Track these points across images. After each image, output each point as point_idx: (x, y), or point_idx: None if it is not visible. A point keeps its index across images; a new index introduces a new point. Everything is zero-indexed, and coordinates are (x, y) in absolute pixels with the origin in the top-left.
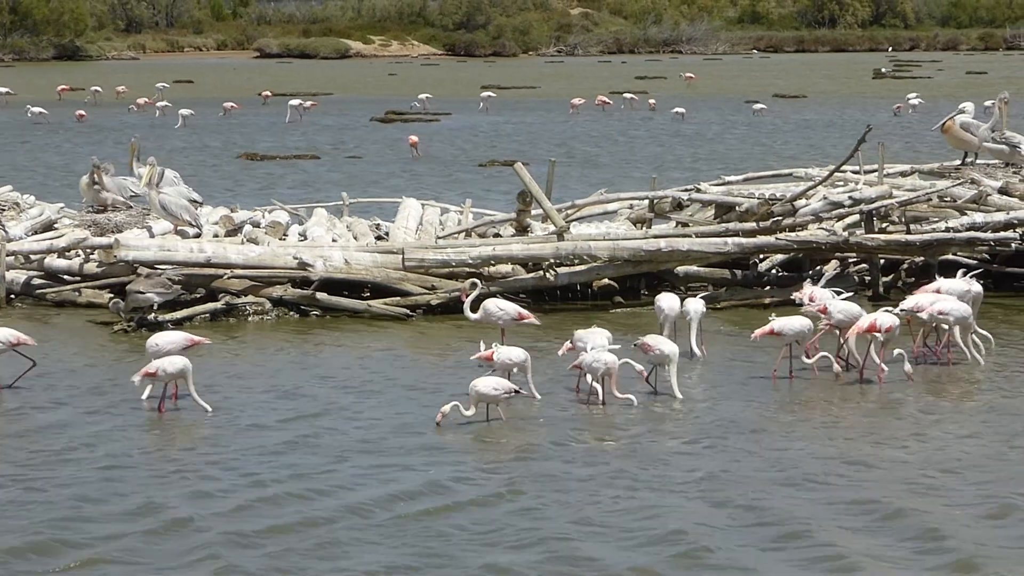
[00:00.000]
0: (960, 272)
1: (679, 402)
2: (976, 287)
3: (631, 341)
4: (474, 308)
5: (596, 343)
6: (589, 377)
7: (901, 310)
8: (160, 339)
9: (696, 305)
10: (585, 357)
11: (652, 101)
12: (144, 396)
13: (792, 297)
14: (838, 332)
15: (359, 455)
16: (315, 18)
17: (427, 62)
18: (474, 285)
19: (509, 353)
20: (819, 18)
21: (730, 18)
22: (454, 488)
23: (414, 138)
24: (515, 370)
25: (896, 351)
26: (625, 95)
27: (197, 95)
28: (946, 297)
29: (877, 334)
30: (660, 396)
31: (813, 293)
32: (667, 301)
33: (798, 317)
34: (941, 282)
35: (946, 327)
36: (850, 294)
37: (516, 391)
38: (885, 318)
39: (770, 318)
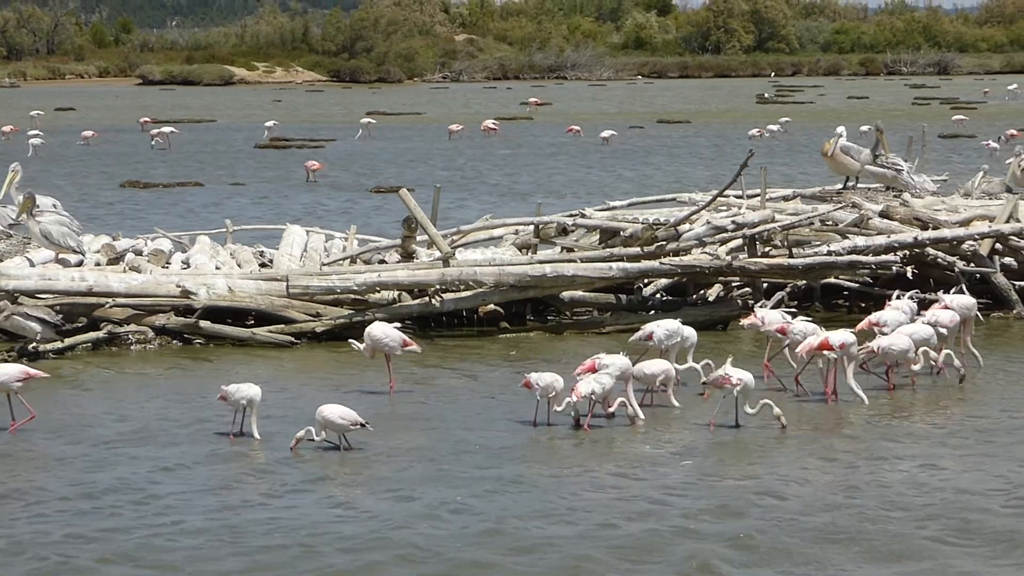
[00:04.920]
0: (896, 294)
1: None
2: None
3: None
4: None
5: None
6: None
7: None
8: None
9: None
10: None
11: (577, 127)
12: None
13: (743, 324)
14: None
15: (241, 485)
16: (198, 44)
17: (312, 88)
18: None
19: (594, 383)
20: (703, 44)
21: (614, 44)
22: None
23: (316, 164)
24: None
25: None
26: (487, 123)
27: (79, 123)
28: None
29: (829, 352)
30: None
31: (765, 316)
32: (682, 326)
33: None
34: (945, 297)
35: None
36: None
37: (363, 424)
38: (838, 335)
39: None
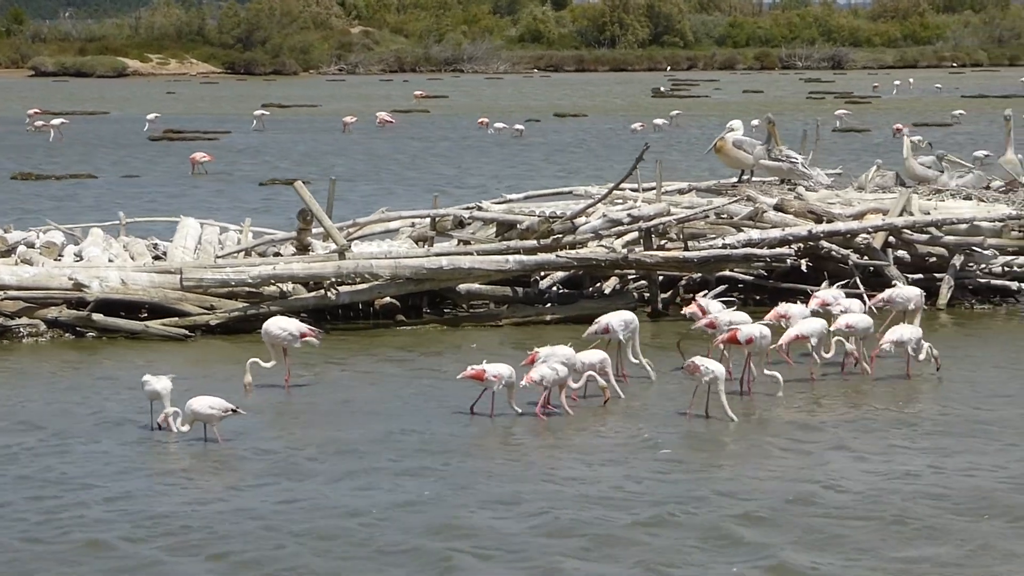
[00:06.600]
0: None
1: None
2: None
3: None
4: None
5: (561, 355)
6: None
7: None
8: None
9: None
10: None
11: (486, 119)
12: None
13: (684, 312)
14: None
15: (140, 476)
16: (92, 36)
17: (206, 80)
18: None
19: (546, 369)
20: (599, 38)
21: (511, 37)
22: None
23: (204, 155)
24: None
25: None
26: (382, 115)
27: None
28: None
29: (740, 345)
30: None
31: (707, 307)
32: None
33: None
34: (893, 291)
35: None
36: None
37: (233, 410)
38: (746, 330)
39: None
